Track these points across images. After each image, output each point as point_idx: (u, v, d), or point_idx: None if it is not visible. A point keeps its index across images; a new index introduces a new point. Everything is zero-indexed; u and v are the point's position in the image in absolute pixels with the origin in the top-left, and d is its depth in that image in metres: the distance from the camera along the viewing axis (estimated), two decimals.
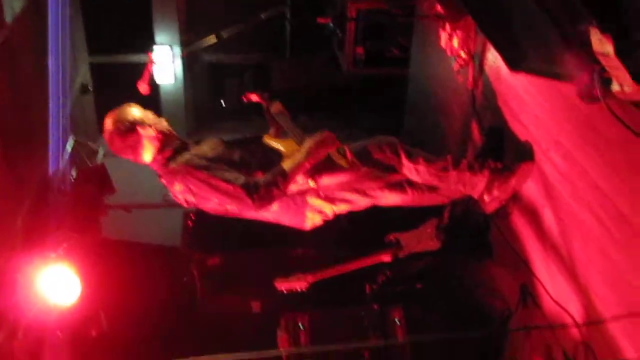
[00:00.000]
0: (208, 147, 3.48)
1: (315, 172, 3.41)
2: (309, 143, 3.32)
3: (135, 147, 3.38)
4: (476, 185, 3.67)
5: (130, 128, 3.34)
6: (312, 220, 3.67)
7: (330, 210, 3.66)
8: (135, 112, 3.41)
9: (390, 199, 3.74)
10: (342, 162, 3.46)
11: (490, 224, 4.25)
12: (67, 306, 4.24)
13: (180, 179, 3.30)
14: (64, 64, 5.42)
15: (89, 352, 4.66)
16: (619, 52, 1.88)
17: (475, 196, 3.72)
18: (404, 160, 3.64)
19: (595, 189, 3.03)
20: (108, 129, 3.37)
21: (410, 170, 3.66)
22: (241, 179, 3.20)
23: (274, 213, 3.56)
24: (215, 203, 3.33)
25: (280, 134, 3.71)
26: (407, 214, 4.12)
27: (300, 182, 3.41)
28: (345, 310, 4.56)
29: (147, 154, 3.42)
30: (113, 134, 3.36)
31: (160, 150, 3.42)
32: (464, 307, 4.52)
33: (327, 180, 3.49)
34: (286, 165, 3.26)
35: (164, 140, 3.43)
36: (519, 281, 3.91)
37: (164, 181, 3.44)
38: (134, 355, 4.69)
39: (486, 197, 3.70)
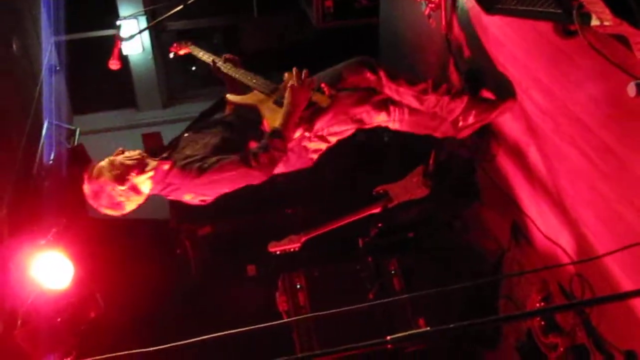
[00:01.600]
0: (190, 149, 3.30)
1: (306, 122, 3.38)
2: (288, 93, 3.28)
3: (129, 194, 3.15)
4: (453, 110, 3.66)
5: (108, 183, 3.10)
6: (312, 159, 3.64)
7: (324, 146, 3.62)
8: (107, 173, 3.12)
9: (376, 119, 3.68)
10: (323, 100, 3.43)
11: (476, 167, 4.27)
12: (62, 290, 4.24)
13: (186, 189, 3.21)
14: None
15: (90, 334, 4.67)
16: None
17: (450, 119, 3.70)
18: (384, 79, 3.59)
19: (577, 123, 3.05)
20: (91, 198, 3.17)
21: (392, 89, 3.62)
22: (236, 158, 3.13)
23: (278, 169, 3.50)
24: (227, 189, 3.28)
25: (239, 89, 3.62)
26: (393, 165, 4.13)
27: (297, 134, 3.38)
28: (340, 266, 4.60)
29: (144, 188, 3.19)
30: (98, 198, 3.15)
31: (152, 177, 3.18)
32: (457, 251, 4.57)
33: (318, 124, 3.46)
34: (277, 124, 3.23)
35: (144, 167, 3.17)
36: (509, 221, 3.96)
37: (172, 198, 3.34)
38: (135, 331, 4.72)
39: (461, 122, 3.69)
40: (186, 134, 3.45)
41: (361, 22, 6.78)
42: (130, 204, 3.19)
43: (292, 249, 4.13)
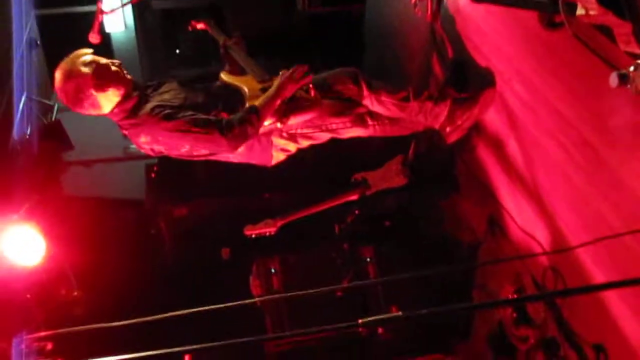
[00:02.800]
0: (170, 94, 3.34)
1: (282, 113, 3.35)
2: (279, 78, 3.27)
3: (92, 106, 3.14)
4: (438, 115, 3.65)
5: (83, 90, 3.07)
6: (276, 158, 3.63)
7: (294, 147, 3.63)
8: (87, 58, 3.12)
9: (352, 132, 3.70)
10: (306, 99, 3.42)
11: (455, 158, 4.27)
12: (34, 267, 4.18)
13: (147, 130, 3.18)
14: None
15: (60, 311, 4.62)
16: None
17: (437, 126, 3.71)
18: (365, 91, 3.59)
19: (557, 116, 3.05)
20: (60, 80, 3.09)
21: (372, 100, 3.62)
22: (212, 120, 3.13)
23: (240, 154, 3.49)
24: (186, 149, 3.25)
25: (237, 71, 3.63)
26: (372, 152, 4.11)
27: (268, 122, 3.35)
28: (316, 251, 4.59)
29: (105, 109, 3.19)
30: (66, 85, 3.08)
31: (120, 103, 3.19)
32: (433, 241, 4.57)
33: (293, 121, 3.45)
34: (257, 102, 3.21)
35: (123, 95, 3.19)
36: (486, 212, 3.96)
37: (126, 133, 3.32)
38: (106, 311, 4.67)
39: (448, 128, 3.69)
40: (171, 82, 3.44)
41: (347, 8, 6.74)
42: (87, 109, 3.18)
43: (267, 233, 4.10)
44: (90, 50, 3.21)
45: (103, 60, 3.17)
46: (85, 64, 3.10)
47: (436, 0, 4.25)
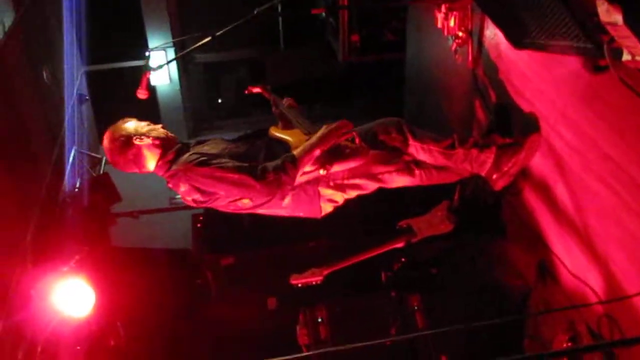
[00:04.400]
0: (210, 145, 3.44)
1: (325, 160, 3.36)
2: (322, 130, 3.29)
3: (137, 159, 3.34)
4: (484, 163, 3.63)
5: (127, 142, 3.30)
6: (324, 210, 3.64)
7: (341, 197, 3.63)
8: (128, 125, 3.37)
9: (399, 181, 3.70)
10: (351, 148, 3.43)
11: (501, 203, 4.22)
12: (83, 318, 4.23)
13: (184, 178, 3.24)
14: (63, 74, 5.40)
15: None
16: (628, 21, 1.85)
17: (483, 174, 3.68)
18: (411, 140, 3.60)
19: (606, 160, 3.00)
20: (107, 148, 3.35)
21: (417, 149, 3.62)
22: (245, 166, 3.17)
23: (287, 207, 3.51)
24: (224, 198, 3.30)
25: (287, 127, 3.67)
26: (418, 199, 4.09)
27: (310, 170, 3.37)
28: (362, 300, 4.55)
29: (150, 163, 3.37)
30: (112, 152, 3.33)
31: (162, 156, 3.36)
32: (482, 289, 4.50)
33: (337, 168, 3.44)
34: (296, 151, 3.24)
35: (163, 146, 3.38)
36: (535, 258, 3.89)
37: (170, 185, 3.40)
38: None
39: (495, 175, 3.66)
40: (218, 139, 3.54)
41: (387, 56, 6.81)
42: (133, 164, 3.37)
43: (314, 282, 4.09)
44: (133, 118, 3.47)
45: (144, 123, 3.44)
46: (128, 127, 3.37)
47: (477, 46, 4.28)
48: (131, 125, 3.37)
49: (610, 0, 1.82)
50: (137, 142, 3.30)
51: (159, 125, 3.47)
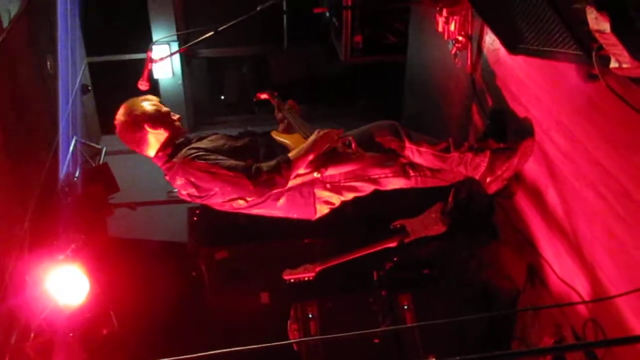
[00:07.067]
0: (209, 140, 3.48)
1: (320, 163, 3.41)
2: (313, 136, 3.34)
3: (141, 142, 3.37)
4: (478, 166, 3.67)
5: (138, 124, 3.32)
6: (320, 212, 3.68)
7: (337, 199, 3.67)
8: (148, 107, 3.37)
9: (395, 183, 3.74)
10: (347, 152, 3.47)
11: (494, 206, 4.26)
12: (77, 306, 4.28)
13: (181, 172, 3.28)
14: (66, 64, 5.43)
15: (101, 351, 4.69)
16: (615, 29, 1.89)
17: (477, 177, 3.73)
18: (407, 143, 3.64)
19: (597, 167, 3.04)
20: (118, 119, 3.35)
21: (413, 152, 3.66)
22: (241, 164, 3.20)
23: (282, 208, 3.56)
24: (219, 195, 3.34)
25: (288, 130, 3.72)
26: (412, 200, 4.13)
27: (304, 172, 3.41)
28: (354, 298, 4.58)
29: (151, 150, 3.41)
30: (121, 126, 3.34)
31: (163, 147, 3.40)
32: (472, 290, 4.53)
33: (332, 171, 3.49)
34: (291, 154, 3.28)
35: (170, 138, 3.41)
36: (525, 261, 3.93)
37: (167, 178, 3.44)
38: (145, 352, 4.72)
39: (488, 178, 3.70)
40: (218, 133, 3.59)
41: (388, 58, 6.85)
42: (136, 144, 3.40)
43: (306, 278, 4.13)
44: (157, 98, 3.51)
45: (165, 108, 3.46)
46: (150, 104, 3.40)
47: (476, 51, 4.32)
48: (151, 108, 3.38)
49: (598, 8, 1.86)
50: (148, 128, 3.33)
51: (177, 117, 3.50)
